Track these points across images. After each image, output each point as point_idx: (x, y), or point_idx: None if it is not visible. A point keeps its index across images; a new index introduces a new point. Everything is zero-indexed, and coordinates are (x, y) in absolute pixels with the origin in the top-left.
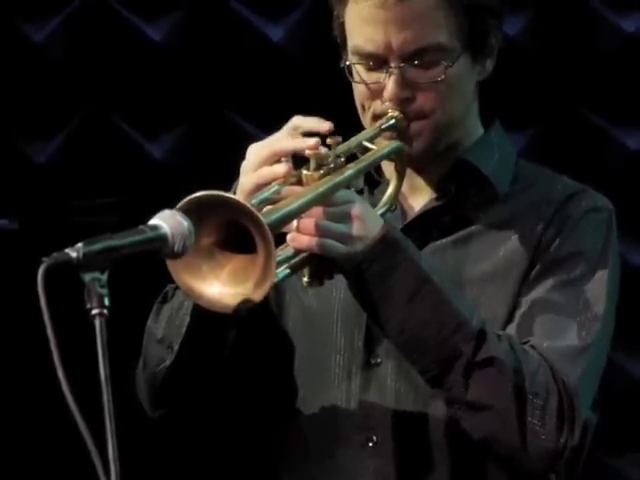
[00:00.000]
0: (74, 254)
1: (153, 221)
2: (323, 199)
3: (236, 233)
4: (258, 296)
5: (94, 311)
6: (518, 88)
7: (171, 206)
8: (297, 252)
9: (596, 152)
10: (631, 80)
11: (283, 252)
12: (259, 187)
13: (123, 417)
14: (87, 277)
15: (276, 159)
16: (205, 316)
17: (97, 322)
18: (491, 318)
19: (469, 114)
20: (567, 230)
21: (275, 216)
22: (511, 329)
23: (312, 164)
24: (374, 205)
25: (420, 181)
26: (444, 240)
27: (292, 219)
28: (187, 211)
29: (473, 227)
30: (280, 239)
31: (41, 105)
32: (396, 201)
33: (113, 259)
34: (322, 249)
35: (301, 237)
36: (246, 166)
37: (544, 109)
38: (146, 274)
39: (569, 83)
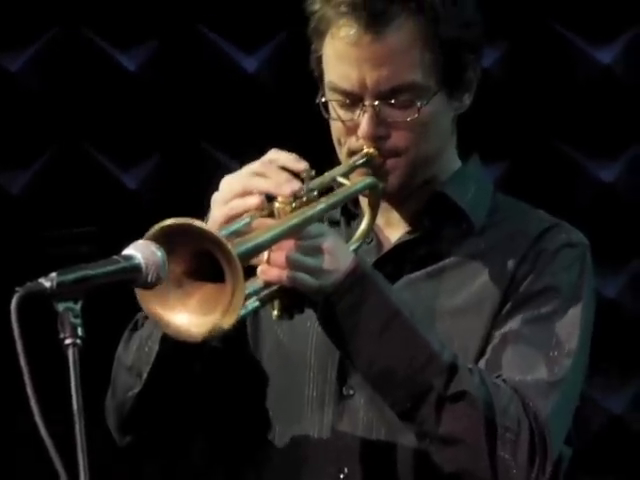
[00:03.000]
0: (48, 284)
1: (127, 251)
2: (294, 232)
3: (205, 262)
4: (226, 326)
5: (67, 341)
6: (492, 120)
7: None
8: (267, 285)
9: (570, 184)
10: (606, 112)
11: (253, 284)
12: (230, 219)
13: (96, 445)
14: (61, 307)
15: (248, 193)
16: (174, 345)
17: (70, 352)
18: (463, 351)
19: (446, 149)
20: (541, 265)
21: (245, 247)
22: (483, 363)
23: (284, 197)
24: (349, 237)
25: (396, 214)
26: (418, 273)
27: (262, 251)
28: (157, 239)
29: (447, 260)
30: (251, 272)
31: (15, 135)
32: (369, 235)
33: (87, 289)
34: (292, 282)
35: (271, 270)
36: (218, 198)
37: (518, 141)
38: (117, 301)
39: (543, 115)
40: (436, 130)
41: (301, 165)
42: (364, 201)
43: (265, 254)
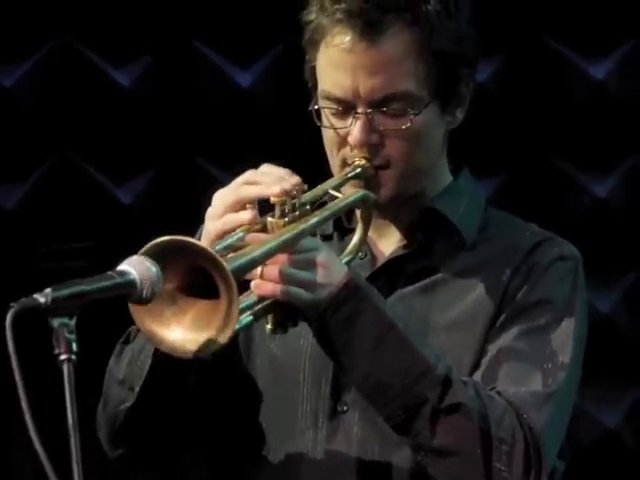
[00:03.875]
0: (42, 299)
1: (121, 267)
2: (287, 246)
3: (199, 279)
4: (222, 341)
5: (62, 356)
6: (487, 135)
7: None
8: (261, 299)
9: (564, 199)
10: (599, 127)
11: (247, 299)
12: (224, 233)
13: (91, 461)
14: (55, 322)
15: (241, 205)
16: (167, 359)
17: (65, 367)
18: (457, 366)
19: (437, 162)
20: (534, 278)
21: (238, 262)
22: (477, 376)
23: (277, 211)
24: (343, 251)
25: (389, 228)
26: (411, 287)
27: (255, 266)
28: (151, 255)
29: (440, 275)
30: (244, 286)
31: (10, 150)
32: (362, 249)
33: (81, 305)
34: (286, 296)
35: (265, 284)
36: (211, 212)
37: (513, 156)
38: (110, 313)
39: (538, 130)
40: (428, 141)
41: (293, 179)
42: (357, 223)
43: (259, 269)
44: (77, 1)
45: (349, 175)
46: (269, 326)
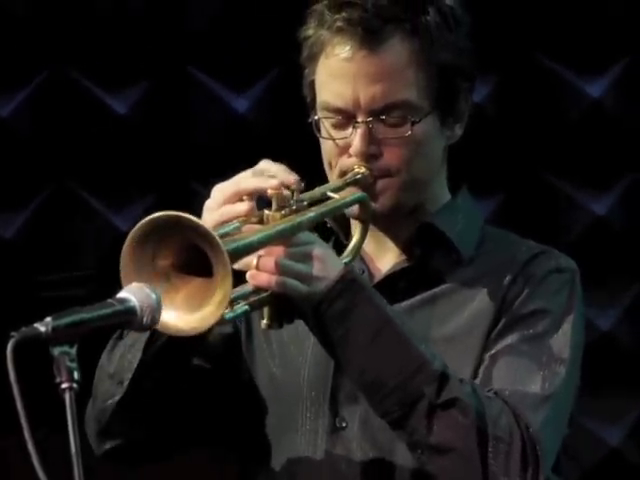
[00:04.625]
0: (43, 328)
1: (121, 294)
2: (283, 237)
3: (194, 257)
4: (213, 320)
5: (64, 385)
6: (484, 155)
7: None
8: (256, 290)
9: (562, 217)
10: (596, 145)
11: (242, 289)
12: (220, 224)
13: None
14: (56, 351)
15: (239, 198)
16: (157, 354)
17: (67, 396)
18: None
19: (436, 178)
20: (530, 289)
21: (234, 245)
22: (476, 382)
23: (274, 204)
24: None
25: (386, 244)
26: (409, 302)
27: (251, 251)
28: (146, 231)
29: (438, 289)
30: (241, 279)
31: (7, 179)
32: (358, 253)
33: (82, 333)
34: (281, 287)
35: (261, 275)
36: (209, 204)
37: (510, 176)
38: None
39: (534, 149)
40: (427, 152)
41: (291, 177)
42: (354, 228)
43: (254, 260)
44: (73, 30)
45: (348, 181)
46: (265, 321)
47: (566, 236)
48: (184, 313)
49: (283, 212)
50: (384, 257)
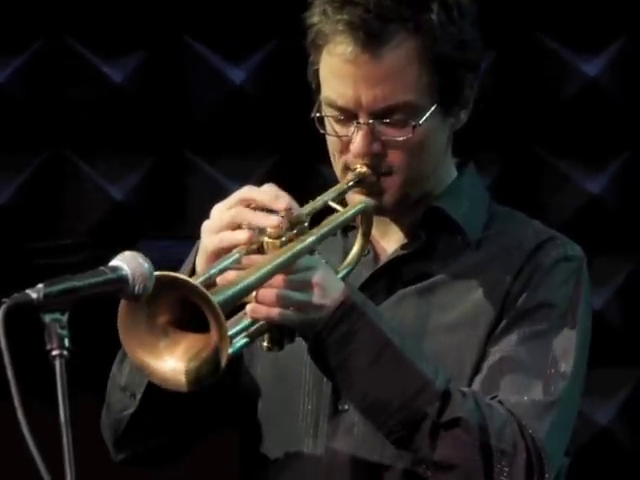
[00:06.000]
0: (35, 295)
1: (114, 262)
2: (283, 268)
3: (191, 311)
4: (212, 375)
5: (54, 352)
6: (479, 132)
7: (132, 247)
8: (256, 321)
9: (556, 196)
10: (592, 124)
11: (241, 321)
12: (220, 251)
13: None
14: (47, 318)
15: (238, 224)
16: None
17: (57, 363)
18: (459, 366)
19: (441, 164)
20: (536, 280)
21: (229, 293)
22: (478, 381)
23: (274, 231)
24: (345, 248)
25: (392, 227)
26: (412, 287)
27: (249, 293)
28: None
29: (442, 275)
30: (240, 306)
31: (2, 145)
32: (358, 263)
33: (74, 300)
34: (282, 319)
35: (260, 308)
36: (208, 227)
37: (505, 153)
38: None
39: (530, 126)
40: (431, 149)
41: (281, 204)
42: (355, 239)
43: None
44: None
45: (350, 184)
46: (265, 344)
47: (560, 214)
48: (184, 366)
49: (283, 239)
50: (390, 239)
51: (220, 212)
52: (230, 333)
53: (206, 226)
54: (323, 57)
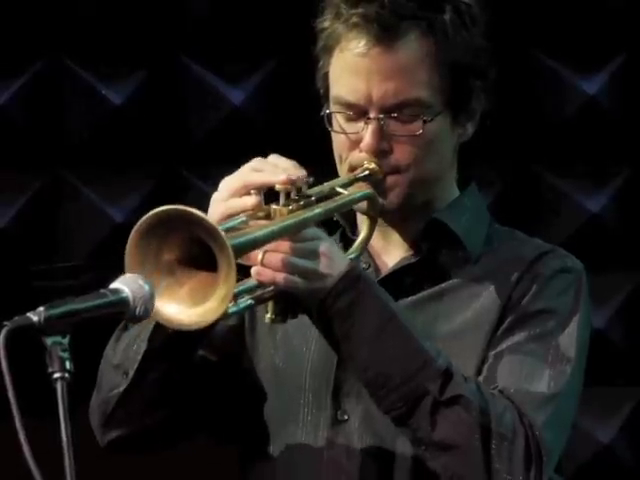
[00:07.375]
0: (35, 318)
1: (114, 285)
2: (290, 233)
3: (199, 252)
4: (217, 315)
5: (56, 375)
6: (479, 150)
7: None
8: (261, 285)
9: (556, 214)
10: (591, 142)
11: (247, 283)
12: (227, 217)
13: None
14: (49, 341)
15: (246, 191)
16: (162, 345)
17: (59, 386)
18: (463, 372)
19: (446, 175)
20: (536, 288)
21: (238, 240)
22: (480, 380)
23: (281, 199)
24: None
25: (393, 239)
26: (414, 297)
27: (256, 246)
28: (151, 225)
29: (443, 285)
30: (246, 273)
31: (1, 168)
32: (365, 249)
33: (75, 323)
34: (287, 284)
35: (266, 271)
36: (216, 197)
37: (504, 171)
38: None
39: (530, 145)
40: (438, 150)
41: (300, 172)
42: (362, 224)
43: (259, 255)
44: (68, 19)
45: (358, 176)
46: (269, 315)
47: (560, 233)
48: (187, 307)
49: (290, 207)
50: (391, 252)
51: (228, 182)
52: (235, 291)
53: (214, 197)
54: (335, 56)
